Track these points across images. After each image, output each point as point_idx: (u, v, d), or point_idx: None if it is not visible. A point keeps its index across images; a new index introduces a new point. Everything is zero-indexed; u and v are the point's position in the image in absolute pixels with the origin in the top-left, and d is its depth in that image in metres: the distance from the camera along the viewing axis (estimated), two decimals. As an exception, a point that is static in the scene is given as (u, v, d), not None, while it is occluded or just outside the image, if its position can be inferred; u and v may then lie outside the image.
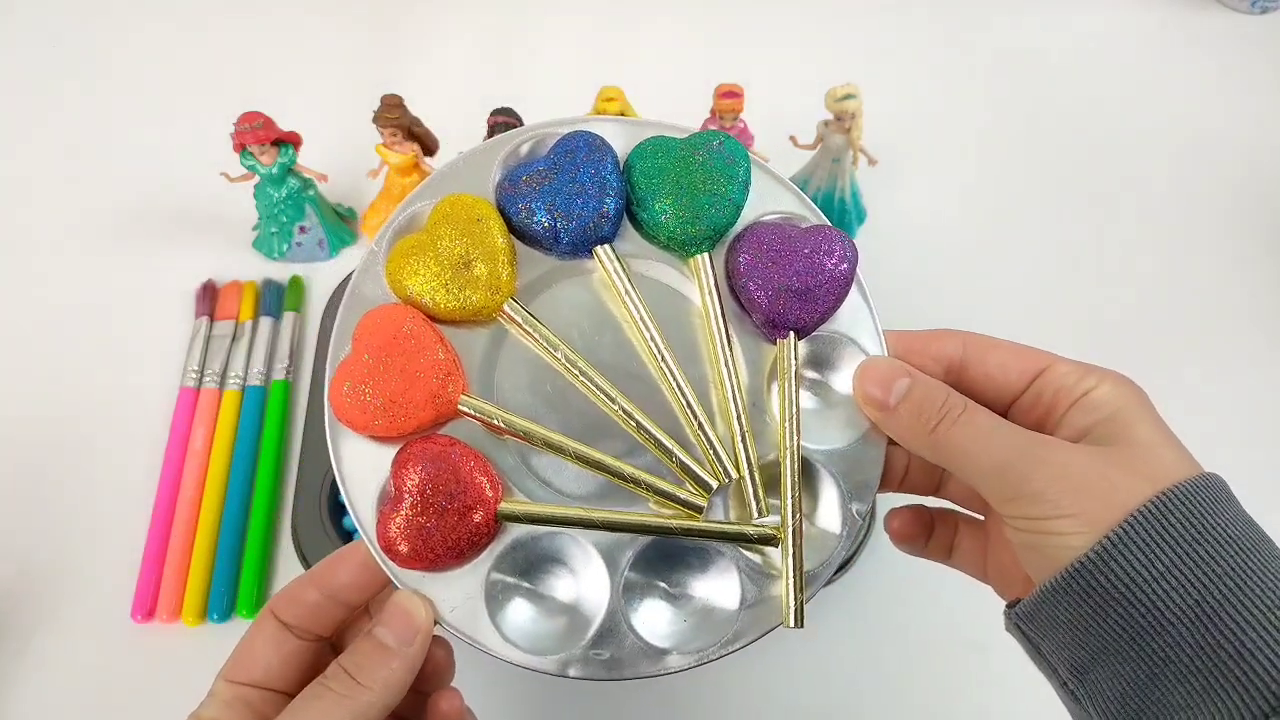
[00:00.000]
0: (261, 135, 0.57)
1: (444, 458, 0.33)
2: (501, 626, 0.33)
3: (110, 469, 0.57)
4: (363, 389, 0.34)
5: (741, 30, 0.80)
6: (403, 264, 0.35)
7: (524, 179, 0.36)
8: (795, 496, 0.34)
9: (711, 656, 0.34)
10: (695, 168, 0.36)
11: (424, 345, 0.34)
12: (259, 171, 0.60)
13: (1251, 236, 0.68)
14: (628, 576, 0.34)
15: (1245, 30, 0.80)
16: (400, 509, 0.33)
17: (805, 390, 0.37)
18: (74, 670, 0.51)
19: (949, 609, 0.54)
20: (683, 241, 0.36)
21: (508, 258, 0.35)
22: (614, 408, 0.35)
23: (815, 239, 0.36)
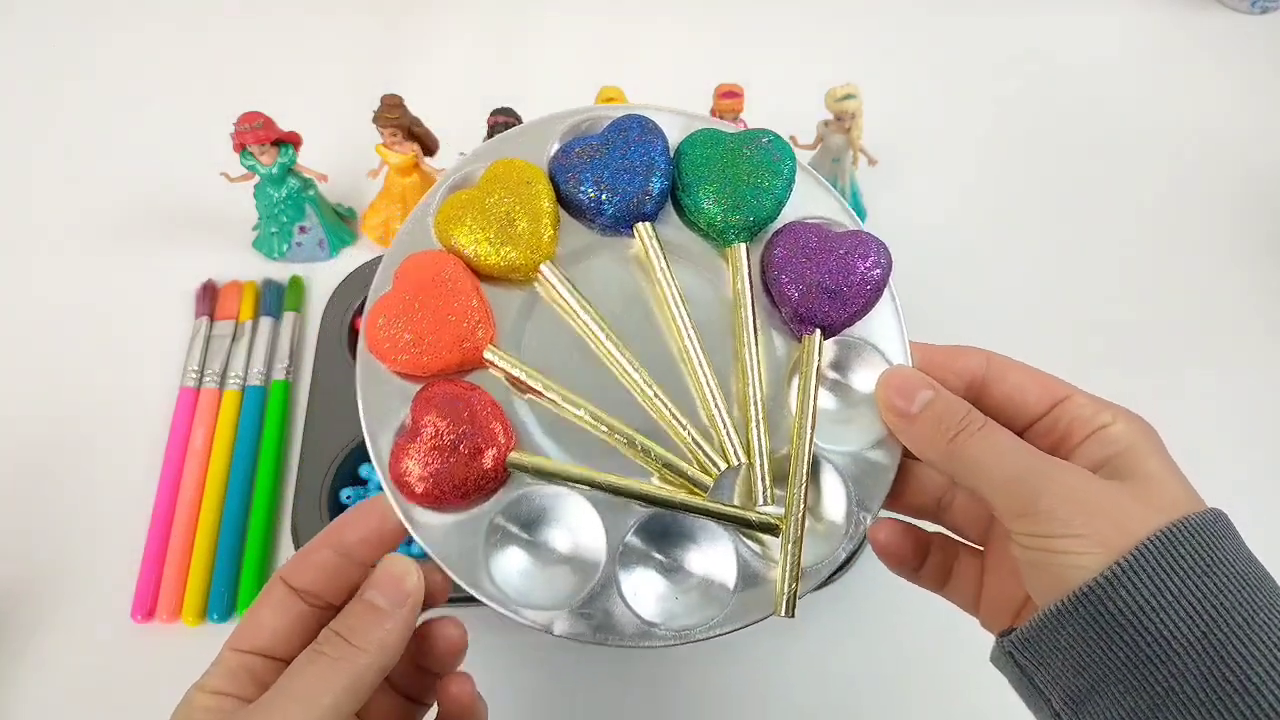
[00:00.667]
0: (261, 135, 0.57)
1: (463, 399, 0.34)
2: (495, 575, 0.34)
3: (110, 469, 0.57)
4: (396, 324, 0.35)
5: (741, 30, 0.80)
6: (451, 216, 0.36)
7: (576, 151, 0.38)
8: (802, 489, 0.35)
9: (697, 636, 0.34)
10: (742, 161, 0.37)
11: (460, 292, 0.35)
12: (259, 171, 0.60)
13: (1251, 236, 0.68)
14: (627, 544, 0.35)
15: (1245, 30, 0.80)
16: (415, 443, 0.34)
17: (826, 391, 0.37)
18: (74, 670, 0.51)
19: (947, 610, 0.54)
20: (722, 229, 0.37)
21: (551, 221, 0.37)
22: (634, 379, 0.36)
23: (852, 242, 0.37)
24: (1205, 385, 0.61)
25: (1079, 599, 0.28)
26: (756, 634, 0.53)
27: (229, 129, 0.58)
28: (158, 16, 0.80)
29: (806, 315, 0.37)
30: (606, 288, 0.37)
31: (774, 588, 0.35)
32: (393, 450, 0.34)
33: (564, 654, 0.53)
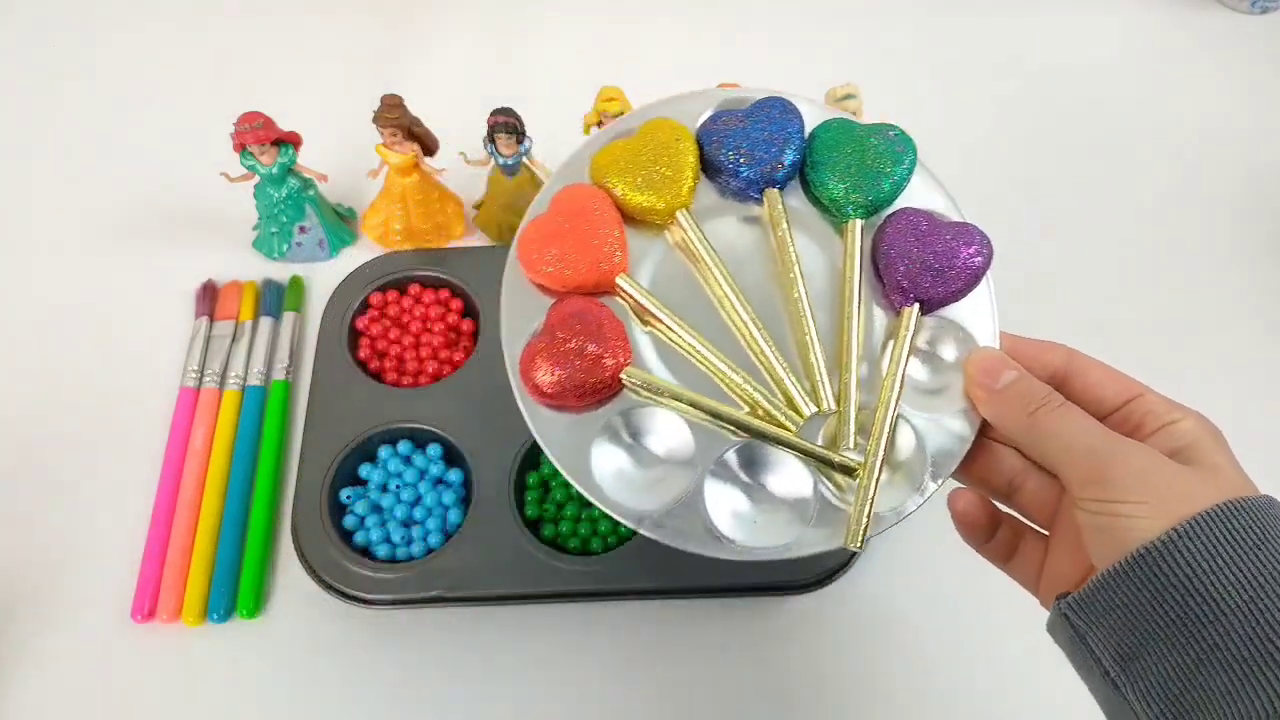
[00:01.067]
0: (261, 135, 0.57)
1: (592, 312, 0.39)
2: (595, 472, 0.38)
3: (110, 469, 0.57)
4: (546, 241, 0.40)
5: (741, 30, 0.80)
6: (606, 159, 0.42)
7: (723, 120, 0.43)
8: (883, 438, 0.38)
9: (765, 556, 0.38)
10: (869, 148, 0.42)
11: (605, 222, 0.40)
12: (259, 171, 0.60)
13: (1251, 236, 0.68)
14: (718, 463, 0.38)
15: (1245, 30, 0.80)
16: (545, 342, 0.38)
17: (916, 361, 0.40)
18: (74, 670, 0.52)
19: (948, 611, 0.54)
20: (842, 205, 0.42)
21: (691, 176, 0.42)
22: (744, 321, 0.40)
23: (958, 229, 0.41)
24: (1205, 385, 0.61)
25: (1137, 559, 0.30)
26: (756, 632, 0.53)
27: (229, 129, 0.58)
28: (158, 16, 0.79)
29: (909, 289, 0.40)
30: (729, 242, 0.42)
31: (846, 524, 0.38)
32: (524, 352, 0.39)
33: (563, 653, 0.53)
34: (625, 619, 0.53)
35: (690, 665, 0.52)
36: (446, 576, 0.52)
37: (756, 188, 0.42)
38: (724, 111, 0.43)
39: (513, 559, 0.52)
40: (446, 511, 0.54)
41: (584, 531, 0.53)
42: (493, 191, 0.63)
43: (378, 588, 0.52)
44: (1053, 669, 0.52)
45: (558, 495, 0.55)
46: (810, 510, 0.38)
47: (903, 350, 0.39)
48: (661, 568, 0.52)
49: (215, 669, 0.52)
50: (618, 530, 0.54)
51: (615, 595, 0.52)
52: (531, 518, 0.54)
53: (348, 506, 0.55)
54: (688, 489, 0.38)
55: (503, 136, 0.58)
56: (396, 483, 0.55)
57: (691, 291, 0.41)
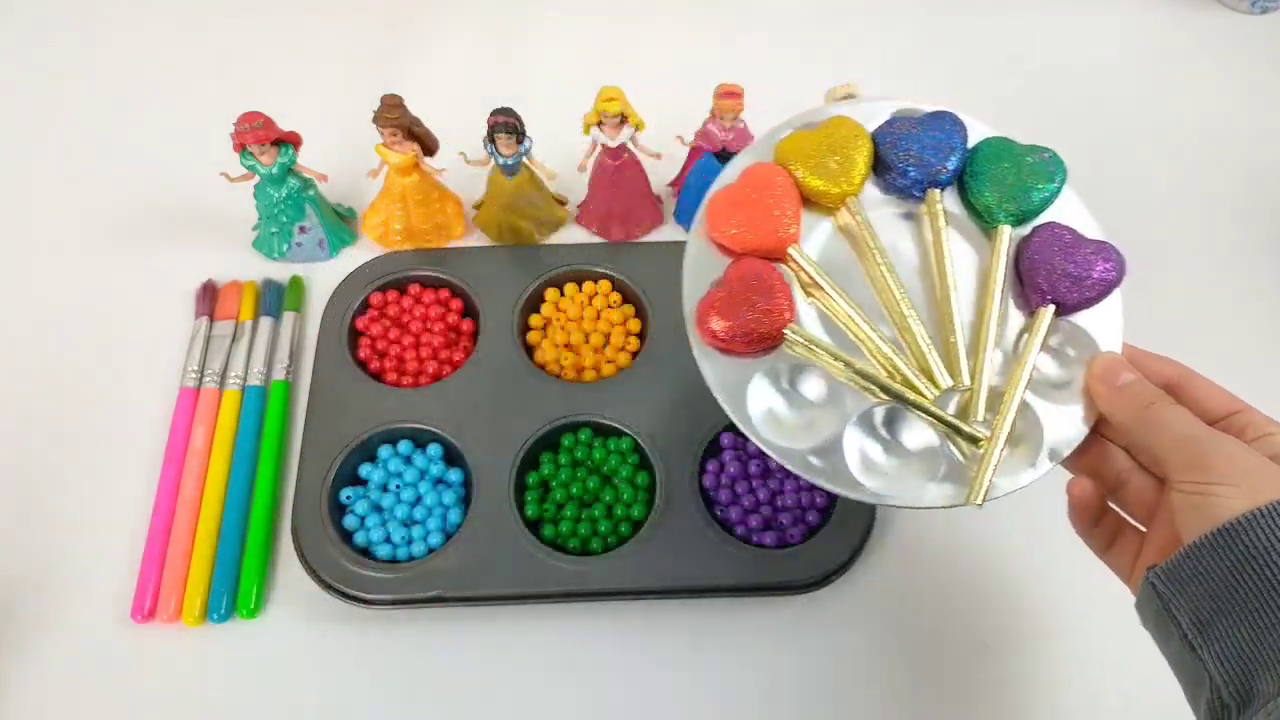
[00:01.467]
0: (261, 135, 0.57)
1: (765, 273, 0.45)
2: (751, 411, 0.44)
3: (110, 469, 0.57)
4: (733, 207, 0.46)
5: (741, 30, 0.80)
6: (790, 145, 0.47)
7: (899, 124, 0.48)
8: (1010, 414, 0.43)
9: (890, 502, 0.43)
10: (1025, 165, 0.47)
11: (785, 196, 0.46)
12: (259, 171, 0.60)
13: (1251, 236, 0.68)
14: (862, 416, 0.44)
15: (1245, 30, 0.80)
16: (721, 292, 0.44)
17: (1045, 356, 0.45)
18: (75, 670, 0.52)
19: (950, 609, 0.54)
20: (994, 211, 0.46)
21: (862, 169, 0.47)
22: (896, 299, 0.45)
23: (1097, 245, 0.45)
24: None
25: (1222, 531, 0.34)
26: (756, 632, 0.53)
27: (229, 129, 0.58)
28: (158, 16, 0.80)
29: (1048, 291, 0.45)
30: (886, 231, 0.47)
31: (969, 485, 0.43)
32: (703, 301, 0.45)
33: (564, 653, 0.53)
34: (625, 619, 0.53)
35: (691, 665, 0.52)
36: (446, 576, 0.52)
37: (920, 187, 0.47)
38: (900, 118, 0.48)
39: (513, 559, 0.52)
40: (447, 511, 0.54)
41: (584, 532, 0.53)
42: (493, 191, 0.63)
43: (378, 588, 0.52)
44: (1052, 668, 0.53)
45: (558, 495, 0.55)
46: (938, 469, 0.43)
47: (1035, 343, 0.44)
48: (661, 568, 0.52)
49: (216, 669, 0.52)
50: (618, 530, 0.54)
51: (615, 595, 0.52)
52: (531, 518, 0.54)
53: (348, 506, 0.55)
54: (830, 437, 0.43)
55: (502, 136, 0.58)
56: (397, 483, 0.55)
57: (849, 269, 0.46)
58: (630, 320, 0.62)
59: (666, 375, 0.58)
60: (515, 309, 0.61)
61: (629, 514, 0.54)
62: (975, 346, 0.45)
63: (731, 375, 0.44)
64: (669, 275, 0.61)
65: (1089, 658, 0.53)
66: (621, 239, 0.65)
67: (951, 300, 0.45)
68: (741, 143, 0.61)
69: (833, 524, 0.53)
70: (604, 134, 0.59)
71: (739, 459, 0.56)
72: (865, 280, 0.46)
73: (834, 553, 0.53)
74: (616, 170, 0.62)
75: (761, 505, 0.55)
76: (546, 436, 0.56)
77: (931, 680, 0.52)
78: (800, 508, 0.54)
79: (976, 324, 0.45)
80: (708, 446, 0.56)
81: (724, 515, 0.54)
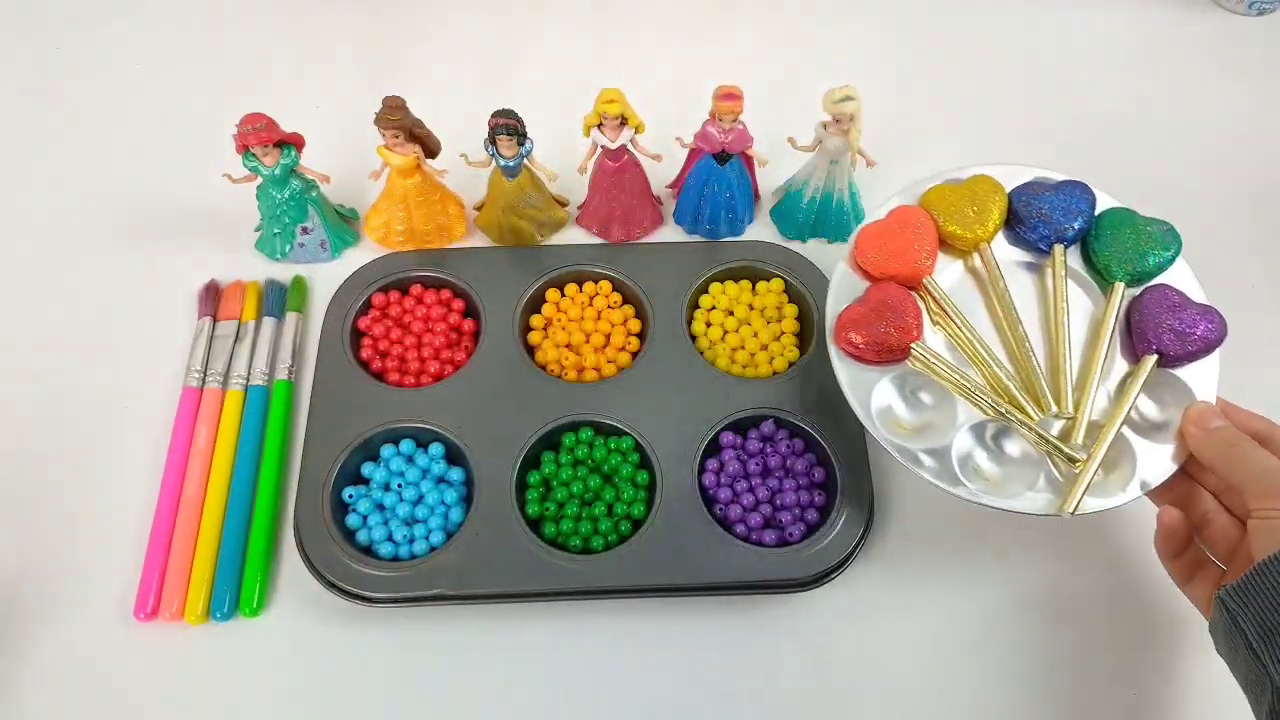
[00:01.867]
0: (264, 136, 0.58)
1: (902, 294, 0.53)
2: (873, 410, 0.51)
3: (113, 468, 0.58)
4: (883, 238, 0.54)
5: (741, 32, 0.80)
6: (935, 194, 0.56)
7: (1036, 185, 0.56)
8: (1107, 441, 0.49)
9: (988, 503, 0.49)
10: (1144, 234, 0.54)
11: (926, 235, 0.54)
12: (261, 173, 0.60)
13: (1249, 236, 0.69)
14: (973, 427, 0.51)
15: (1243, 31, 0.80)
16: (861, 308, 0.52)
17: (1145, 397, 0.51)
18: (78, 669, 0.52)
19: (947, 609, 0.55)
20: (1113, 270, 0.54)
21: (996, 220, 0.55)
22: (1017, 335, 0.52)
23: (1202, 309, 0.52)
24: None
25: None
26: (757, 631, 0.53)
27: (231, 130, 0.58)
28: (159, 17, 0.80)
29: (1153, 341, 0.51)
30: (1011, 276, 0.55)
31: (1062, 498, 0.48)
32: (842, 315, 0.52)
33: (565, 651, 0.53)
34: (626, 617, 0.54)
35: (691, 663, 0.53)
36: (448, 575, 0.52)
37: (1046, 241, 0.55)
38: (1037, 181, 0.56)
39: (514, 558, 0.52)
40: (448, 510, 0.55)
41: (585, 530, 0.54)
42: (494, 193, 0.63)
43: (380, 586, 0.52)
44: (1051, 667, 0.53)
45: (559, 494, 0.55)
46: (1034, 481, 0.49)
47: (1137, 384, 0.51)
48: (662, 566, 0.52)
49: (218, 668, 0.52)
50: (619, 529, 0.54)
51: (616, 594, 0.53)
52: (533, 516, 0.55)
53: (350, 505, 0.55)
54: (941, 441, 0.50)
55: (503, 138, 0.58)
56: (399, 482, 0.55)
57: (973, 305, 0.54)
58: (630, 320, 0.62)
59: (667, 375, 0.59)
60: (516, 309, 0.61)
61: (629, 513, 0.54)
62: (1082, 382, 0.51)
63: (861, 380, 0.51)
64: (669, 275, 0.63)
65: (1089, 656, 0.53)
66: (622, 240, 0.66)
67: (1064, 341, 0.52)
68: (740, 144, 0.61)
69: (832, 522, 0.53)
70: (604, 135, 0.60)
71: (739, 458, 0.56)
72: (986, 316, 0.54)
73: (834, 551, 0.53)
74: (616, 171, 0.62)
75: (761, 504, 0.55)
76: (548, 436, 0.57)
77: (931, 679, 0.53)
78: (800, 506, 0.55)
79: (1085, 364, 0.52)
80: (708, 445, 0.56)
81: (724, 514, 0.55)
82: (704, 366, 0.59)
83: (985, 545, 0.56)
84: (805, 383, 0.58)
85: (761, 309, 0.62)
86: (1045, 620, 0.54)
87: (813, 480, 0.56)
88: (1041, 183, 0.56)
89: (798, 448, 0.57)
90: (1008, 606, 0.55)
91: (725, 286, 0.63)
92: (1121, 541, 0.56)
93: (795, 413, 0.57)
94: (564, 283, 0.63)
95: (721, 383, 0.58)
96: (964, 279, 0.55)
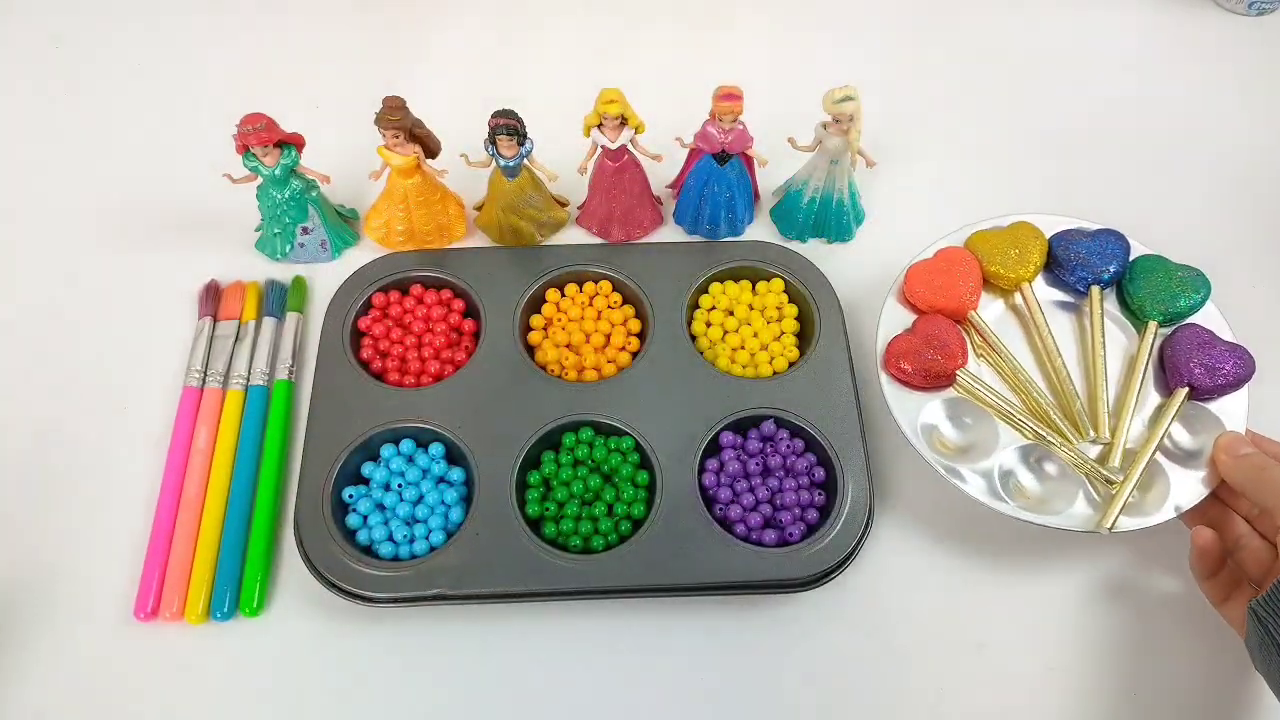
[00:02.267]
0: (264, 137, 0.58)
1: (947, 326, 0.56)
2: (920, 430, 0.54)
3: (114, 468, 0.58)
4: (931, 274, 0.58)
5: (741, 31, 0.80)
6: (979, 238, 0.60)
7: (1075, 232, 0.60)
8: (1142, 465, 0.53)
9: (1029, 519, 0.52)
10: (1175, 279, 0.58)
11: (970, 274, 0.58)
12: (262, 173, 0.60)
13: (1249, 236, 0.69)
14: (1014, 451, 0.54)
15: (1242, 32, 0.80)
16: (911, 337, 0.56)
17: (1178, 426, 0.55)
18: (78, 669, 0.52)
19: (947, 608, 0.55)
20: (1147, 310, 0.58)
21: (1036, 262, 0.59)
22: (1053, 365, 0.57)
23: (1230, 347, 0.56)
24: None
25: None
26: (757, 630, 0.53)
27: (231, 130, 0.58)
28: (160, 17, 0.80)
29: (1185, 375, 0.55)
30: (1050, 315, 0.59)
31: (1100, 515, 0.51)
32: (892, 344, 0.56)
33: (565, 650, 0.53)
34: (626, 617, 0.54)
35: (691, 663, 0.53)
36: (448, 575, 0.52)
37: (1084, 284, 0.59)
38: (1076, 228, 0.61)
39: (514, 557, 0.52)
40: (448, 510, 0.55)
41: (585, 530, 0.54)
42: (494, 193, 0.63)
43: (380, 586, 0.52)
44: (1050, 665, 0.53)
45: (559, 494, 0.55)
46: (1073, 501, 0.52)
47: (1170, 413, 0.54)
48: (662, 566, 0.52)
49: (219, 667, 0.52)
50: (619, 529, 0.54)
51: (616, 593, 0.53)
52: (533, 516, 0.55)
53: (350, 505, 0.55)
54: (984, 461, 0.53)
55: (504, 138, 0.58)
56: (399, 481, 0.55)
57: (1014, 340, 0.58)
58: (630, 320, 0.62)
59: (667, 375, 0.59)
60: (516, 309, 0.61)
61: (629, 513, 0.54)
62: (1118, 409, 0.55)
63: (910, 404, 0.55)
64: (669, 276, 0.63)
65: (1090, 661, 0.53)
66: (622, 240, 0.66)
67: (1101, 373, 0.56)
68: (740, 144, 0.61)
69: (832, 522, 0.53)
70: (604, 136, 0.60)
71: (739, 458, 0.56)
72: (1027, 349, 0.58)
73: (834, 551, 0.53)
74: (616, 172, 0.62)
75: (761, 504, 0.55)
76: (548, 436, 0.57)
77: (931, 679, 0.53)
78: (800, 506, 0.55)
79: (1121, 394, 0.56)
80: (708, 445, 0.56)
81: (724, 514, 0.55)
82: (704, 366, 0.59)
83: (985, 547, 0.56)
84: (805, 383, 0.58)
85: (762, 309, 0.62)
86: (1046, 621, 0.54)
87: (813, 480, 0.56)
88: (1080, 230, 0.60)
89: (798, 448, 0.57)
90: (1008, 607, 0.55)
91: (725, 286, 0.63)
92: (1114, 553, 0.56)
93: (795, 413, 0.57)
94: (564, 283, 0.63)
95: (721, 383, 0.58)
96: (1006, 315, 0.60)
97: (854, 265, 0.65)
